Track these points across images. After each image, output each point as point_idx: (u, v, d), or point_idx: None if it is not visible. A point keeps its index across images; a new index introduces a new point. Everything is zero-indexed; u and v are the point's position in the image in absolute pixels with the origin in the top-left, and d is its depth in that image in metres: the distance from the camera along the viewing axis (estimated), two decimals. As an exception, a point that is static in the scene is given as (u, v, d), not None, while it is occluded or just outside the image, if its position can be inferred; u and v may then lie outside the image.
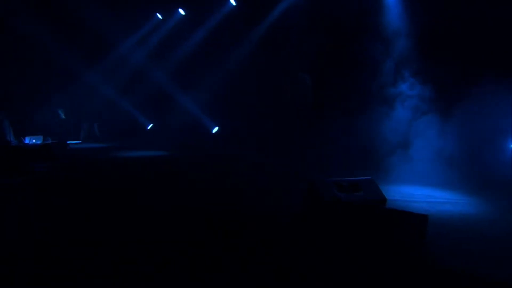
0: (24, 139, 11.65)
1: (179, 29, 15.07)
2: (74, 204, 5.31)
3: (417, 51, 8.10)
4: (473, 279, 3.09)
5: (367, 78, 8.76)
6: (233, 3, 13.16)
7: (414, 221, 3.75)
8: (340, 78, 9.38)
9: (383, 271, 3.19)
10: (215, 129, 15.76)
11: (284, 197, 5.67)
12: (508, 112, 6.62)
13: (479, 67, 6.86)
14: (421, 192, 6.07)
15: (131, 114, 16.33)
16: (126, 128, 16.20)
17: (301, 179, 6.44)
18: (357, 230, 3.70)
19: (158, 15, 15.62)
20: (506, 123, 6.68)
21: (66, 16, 13.42)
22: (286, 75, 11.31)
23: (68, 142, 11.42)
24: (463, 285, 3.04)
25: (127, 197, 5.70)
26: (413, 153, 7.42)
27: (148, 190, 6.20)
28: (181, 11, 15.25)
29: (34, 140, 11.61)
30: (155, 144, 13.02)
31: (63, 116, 14.15)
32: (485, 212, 4.98)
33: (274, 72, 11.70)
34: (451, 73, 7.48)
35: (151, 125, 17.26)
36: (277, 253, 3.53)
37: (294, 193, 5.71)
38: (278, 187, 6.40)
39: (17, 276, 3.08)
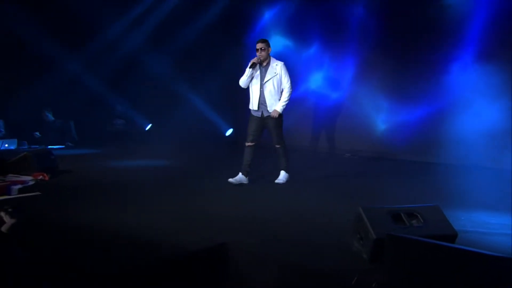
0: (-5, 143, 11.71)
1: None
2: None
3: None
4: None
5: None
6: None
7: (495, 268, 3.50)
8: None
9: None
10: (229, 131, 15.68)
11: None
12: None
13: None
14: (498, 221, 5.66)
15: (125, 110, 16.39)
16: (116, 130, 16.22)
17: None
18: (420, 277, 3.48)
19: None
20: None
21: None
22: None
23: (49, 147, 11.42)
24: None
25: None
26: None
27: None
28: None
29: (6, 145, 11.66)
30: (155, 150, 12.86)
31: (51, 117, 14.03)
32: None
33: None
34: None
35: (150, 126, 17.25)
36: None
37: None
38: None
39: None
